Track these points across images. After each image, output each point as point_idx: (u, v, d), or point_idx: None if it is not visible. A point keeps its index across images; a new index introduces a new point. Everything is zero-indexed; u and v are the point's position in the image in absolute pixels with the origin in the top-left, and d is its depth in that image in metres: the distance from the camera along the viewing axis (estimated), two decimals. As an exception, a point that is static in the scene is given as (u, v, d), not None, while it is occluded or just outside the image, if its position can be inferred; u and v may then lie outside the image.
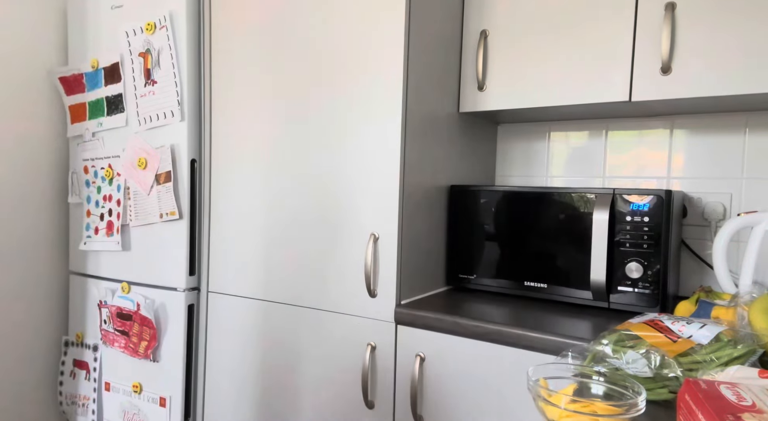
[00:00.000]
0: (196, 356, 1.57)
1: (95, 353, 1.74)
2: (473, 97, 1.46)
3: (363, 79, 1.27)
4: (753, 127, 1.38)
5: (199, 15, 1.53)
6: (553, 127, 1.64)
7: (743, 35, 1.14)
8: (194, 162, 1.54)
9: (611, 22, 1.27)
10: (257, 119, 1.44)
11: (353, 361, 1.30)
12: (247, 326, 1.47)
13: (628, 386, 0.63)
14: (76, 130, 1.77)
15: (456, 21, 1.45)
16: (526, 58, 1.38)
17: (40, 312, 1.82)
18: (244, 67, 1.45)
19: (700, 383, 0.61)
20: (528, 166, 1.69)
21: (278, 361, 1.41)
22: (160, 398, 1.58)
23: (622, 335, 0.83)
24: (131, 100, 1.60)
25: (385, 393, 1.26)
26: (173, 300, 1.55)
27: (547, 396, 0.61)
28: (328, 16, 1.32)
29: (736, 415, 0.53)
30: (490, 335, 1.11)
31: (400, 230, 1.25)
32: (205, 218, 1.54)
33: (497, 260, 1.36)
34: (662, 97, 1.22)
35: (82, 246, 1.74)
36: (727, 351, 0.77)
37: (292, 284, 1.39)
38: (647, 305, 1.18)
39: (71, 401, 1.81)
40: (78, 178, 1.77)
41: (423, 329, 1.20)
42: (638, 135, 1.52)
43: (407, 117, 1.25)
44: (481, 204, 1.38)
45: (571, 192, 1.26)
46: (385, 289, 1.25)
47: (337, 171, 1.32)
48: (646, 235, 1.18)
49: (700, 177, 1.44)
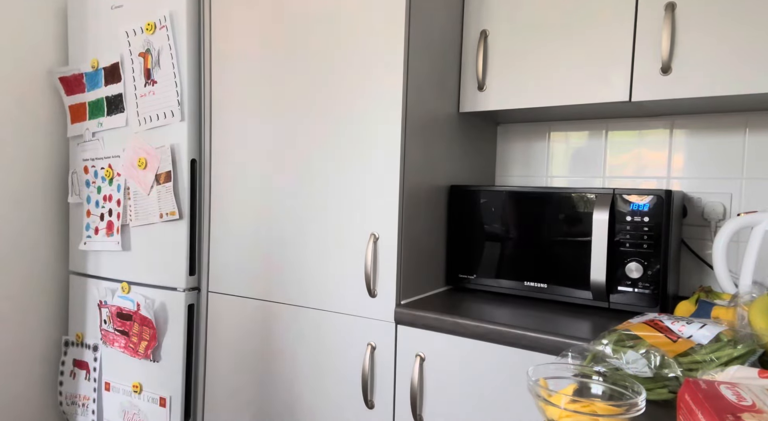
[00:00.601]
0: (196, 356, 1.57)
1: (95, 353, 1.74)
2: (473, 97, 1.46)
3: (363, 79, 1.27)
4: (753, 127, 1.38)
5: (199, 15, 1.53)
6: (553, 127, 1.65)
7: (743, 35, 1.14)
8: (194, 162, 1.54)
9: (611, 23, 1.27)
10: (257, 119, 1.44)
11: (353, 361, 1.30)
12: (247, 326, 1.47)
13: (628, 386, 0.63)
14: (76, 130, 1.77)
15: (456, 21, 1.45)
16: (526, 58, 1.38)
17: (40, 312, 1.82)
18: (244, 66, 1.45)
19: (700, 383, 0.61)
20: (528, 166, 1.69)
21: (278, 361, 1.41)
22: (160, 398, 1.58)
23: (622, 335, 0.83)
24: (131, 100, 1.60)
25: (385, 393, 1.26)
26: (173, 300, 1.55)
27: (547, 396, 0.61)
28: (328, 15, 1.32)
29: (736, 415, 0.53)
30: (490, 335, 1.11)
31: (400, 230, 1.25)
32: (205, 218, 1.54)
33: (497, 260, 1.36)
34: (662, 97, 1.22)
35: (82, 246, 1.74)
36: (727, 351, 0.77)
37: (292, 284, 1.39)
38: (647, 305, 1.18)
39: (71, 401, 1.81)
40: (78, 178, 1.77)
41: (423, 329, 1.20)
42: (638, 135, 1.52)
43: (407, 117, 1.25)
44: (481, 204, 1.38)
45: (571, 192, 1.26)
46: (385, 289, 1.26)
47: (337, 171, 1.32)
48: (646, 235, 1.18)
49: (700, 177, 1.44)
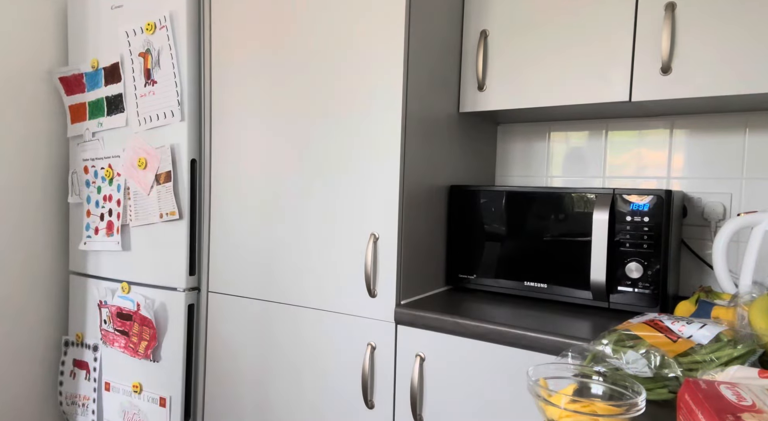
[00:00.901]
0: (196, 356, 1.57)
1: (95, 353, 1.74)
2: (473, 97, 1.46)
3: (363, 79, 1.27)
4: (753, 127, 1.38)
5: (199, 15, 1.53)
6: (553, 127, 1.64)
7: (743, 35, 1.14)
8: (194, 162, 1.54)
9: (611, 22, 1.27)
10: (257, 118, 1.44)
11: (353, 361, 1.30)
12: (247, 326, 1.47)
13: (628, 386, 0.63)
14: (76, 130, 1.77)
15: (456, 21, 1.45)
16: (527, 58, 1.38)
17: (40, 312, 1.82)
18: (244, 66, 1.45)
19: (700, 383, 0.61)
20: (528, 166, 1.69)
21: (278, 361, 1.41)
22: (160, 398, 1.58)
23: (622, 335, 0.83)
24: (131, 100, 1.60)
25: (385, 393, 1.26)
26: (173, 300, 1.55)
27: (547, 396, 0.61)
28: (328, 15, 1.32)
29: (736, 415, 0.52)
30: (490, 335, 1.11)
31: (400, 230, 1.25)
32: (205, 218, 1.54)
33: (497, 260, 1.36)
34: (662, 97, 1.22)
35: (82, 246, 1.74)
36: (727, 351, 0.77)
37: (292, 284, 1.39)
38: (647, 305, 1.18)
39: (71, 401, 1.81)
40: (78, 178, 1.77)
41: (423, 329, 1.20)
42: (638, 135, 1.52)
43: (407, 117, 1.25)
44: (481, 204, 1.38)
45: (571, 192, 1.26)
46: (385, 289, 1.25)
47: (337, 170, 1.32)
48: (646, 235, 1.18)
49: (700, 177, 1.44)
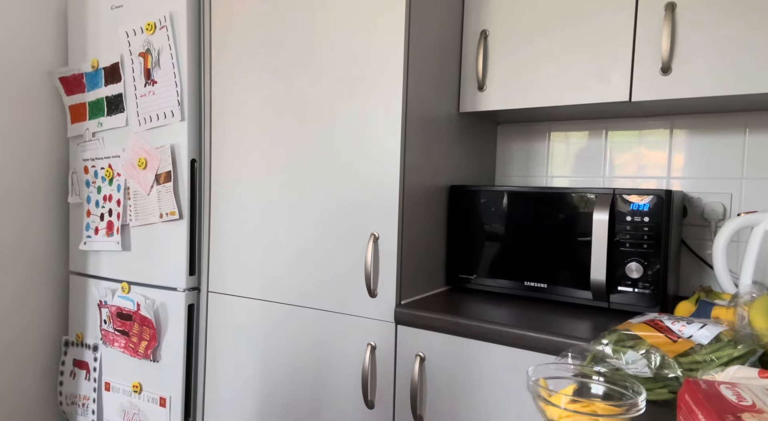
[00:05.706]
0: (196, 356, 1.57)
1: (95, 353, 1.74)
2: (473, 97, 1.46)
3: (363, 79, 1.27)
4: (753, 127, 1.38)
5: (199, 15, 1.53)
6: (553, 127, 1.64)
7: (743, 35, 1.14)
8: (194, 162, 1.54)
9: (611, 22, 1.27)
10: (257, 119, 1.44)
11: (353, 361, 1.30)
12: (247, 326, 1.47)
13: (628, 386, 0.63)
14: (76, 130, 1.77)
15: (456, 21, 1.45)
16: (526, 58, 1.38)
17: (40, 312, 1.82)
18: (244, 66, 1.45)
19: (700, 383, 0.61)
20: (528, 166, 1.69)
21: (278, 361, 1.41)
22: (160, 398, 1.58)
23: (622, 335, 0.83)
24: (131, 100, 1.60)
25: (385, 393, 1.26)
26: (173, 300, 1.55)
27: (547, 396, 0.61)
28: (328, 16, 1.32)
29: (736, 415, 0.52)
30: (490, 335, 1.11)
31: (400, 230, 1.25)
32: (205, 218, 1.54)
33: (497, 260, 1.36)
34: (662, 97, 1.22)
35: (82, 246, 1.74)
36: (727, 351, 0.77)
37: (292, 284, 1.39)
38: (647, 305, 1.18)
39: (71, 401, 1.81)
40: (78, 178, 1.77)
41: (423, 329, 1.20)
42: (638, 135, 1.52)
43: (407, 117, 1.25)
44: (481, 204, 1.38)
45: (571, 192, 1.26)
46: (385, 289, 1.25)
47: (336, 170, 1.32)
48: (646, 235, 1.18)
49: (700, 177, 1.44)
